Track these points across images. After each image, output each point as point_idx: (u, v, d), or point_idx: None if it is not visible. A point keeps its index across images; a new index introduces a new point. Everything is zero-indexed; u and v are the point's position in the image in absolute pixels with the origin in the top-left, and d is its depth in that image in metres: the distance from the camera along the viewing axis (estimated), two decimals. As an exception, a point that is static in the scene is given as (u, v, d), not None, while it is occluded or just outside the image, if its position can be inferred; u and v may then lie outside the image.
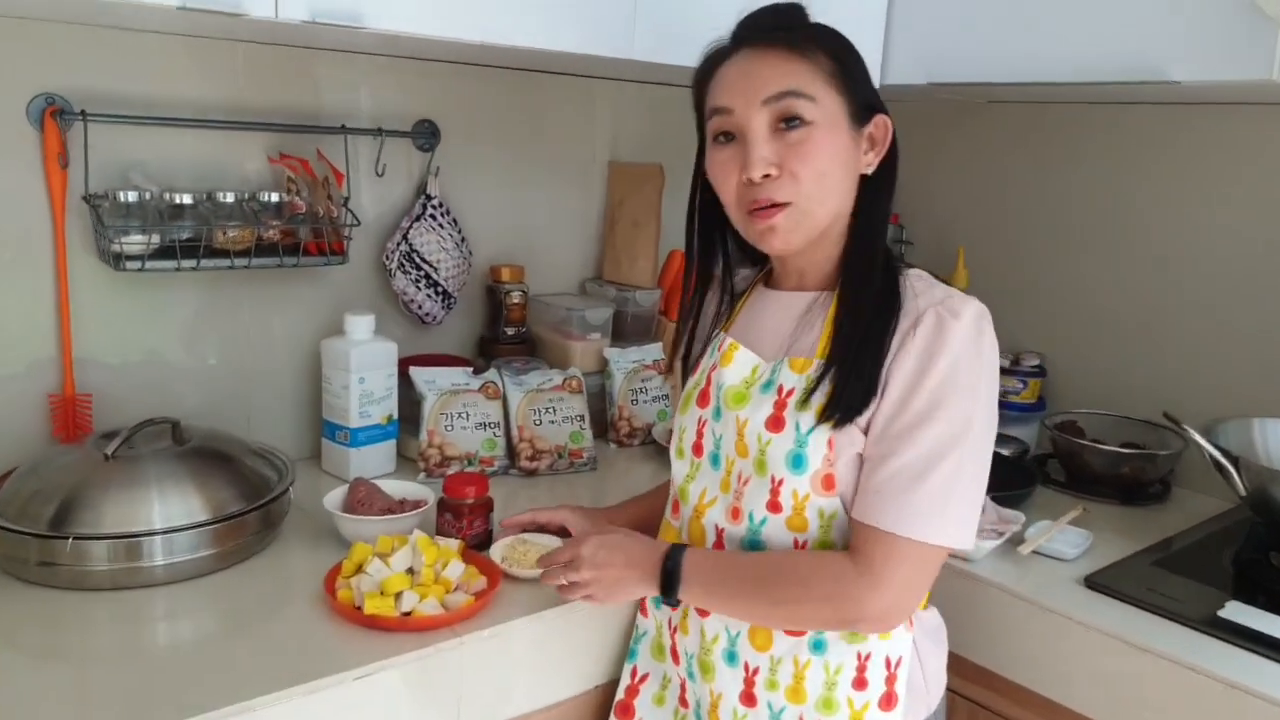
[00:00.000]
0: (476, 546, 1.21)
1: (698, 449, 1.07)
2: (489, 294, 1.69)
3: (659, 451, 1.67)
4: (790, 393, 0.98)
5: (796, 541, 0.98)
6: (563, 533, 1.21)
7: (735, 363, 1.04)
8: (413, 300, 1.55)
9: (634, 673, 1.14)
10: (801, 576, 0.94)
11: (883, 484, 0.92)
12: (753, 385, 1.01)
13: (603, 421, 1.69)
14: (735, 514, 1.01)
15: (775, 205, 0.96)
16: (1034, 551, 1.28)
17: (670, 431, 1.64)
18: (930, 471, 0.91)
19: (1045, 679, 1.18)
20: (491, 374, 1.55)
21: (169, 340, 1.38)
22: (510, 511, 1.32)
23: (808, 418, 0.95)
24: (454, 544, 1.15)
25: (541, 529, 1.22)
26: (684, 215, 1.09)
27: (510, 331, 1.67)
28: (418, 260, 1.53)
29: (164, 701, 0.88)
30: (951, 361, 0.92)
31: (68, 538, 1.05)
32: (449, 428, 1.47)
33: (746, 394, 1.01)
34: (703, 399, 1.07)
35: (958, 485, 0.92)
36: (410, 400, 1.52)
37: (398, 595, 1.03)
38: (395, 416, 1.47)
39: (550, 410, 1.55)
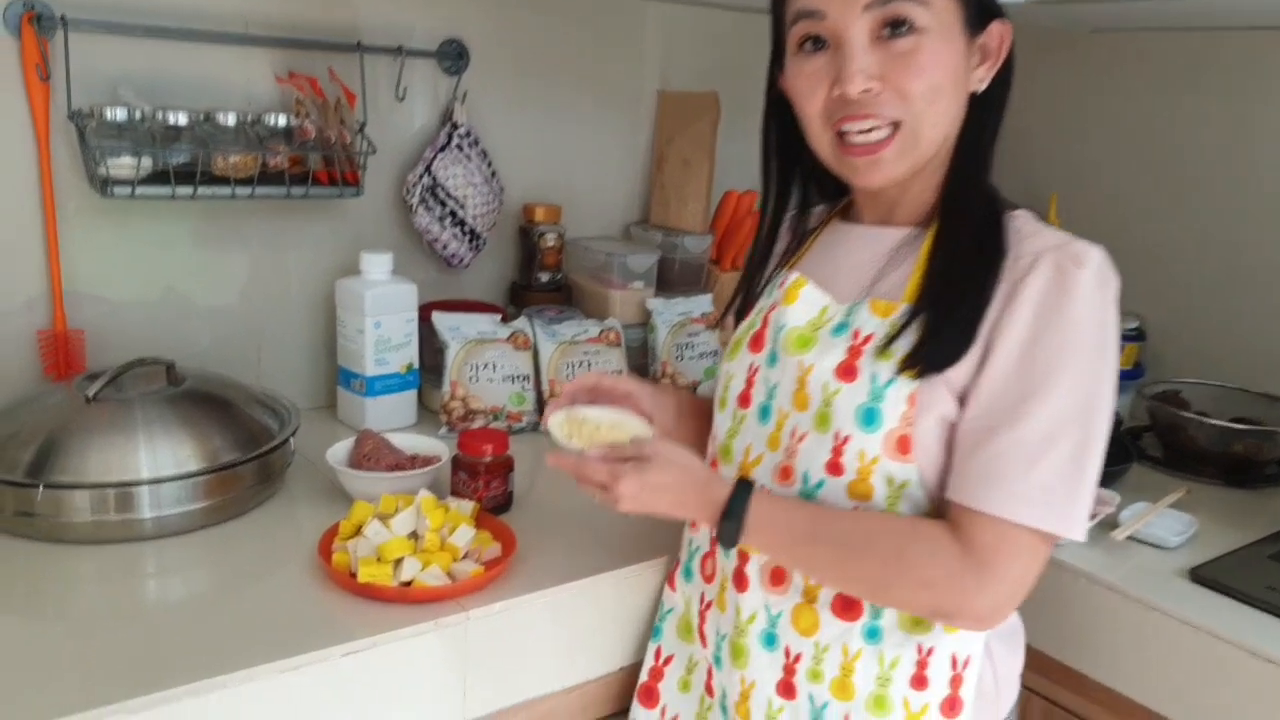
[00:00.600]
0: (494, 510, 1.09)
1: (744, 399, 0.93)
2: (521, 235, 1.55)
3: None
4: (868, 339, 0.83)
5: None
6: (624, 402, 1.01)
7: (801, 301, 0.89)
8: (436, 240, 1.42)
9: (658, 654, 1.01)
10: (899, 552, 0.80)
11: (992, 461, 0.78)
12: (821, 328, 0.87)
13: (643, 377, 1.55)
14: (786, 473, 0.87)
15: (877, 144, 0.82)
16: (1129, 537, 1.12)
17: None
18: (1050, 449, 0.76)
19: (1138, 682, 1.02)
20: (522, 323, 1.42)
21: (169, 276, 1.28)
22: (536, 472, 1.20)
23: (887, 367, 0.81)
24: (467, 506, 1.02)
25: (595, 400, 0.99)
26: (740, 153, 0.96)
27: (544, 277, 1.54)
28: (442, 195, 1.40)
29: (132, 670, 0.78)
30: (1075, 319, 0.77)
31: (39, 485, 0.95)
32: (474, 379, 1.35)
33: (812, 337, 0.87)
34: (756, 342, 0.93)
35: (1081, 465, 0.77)
36: (433, 349, 1.40)
37: (397, 562, 0.91)
38: (416, 365, 1.35)
39: (585, 364, 1.42)
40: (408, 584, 0.90)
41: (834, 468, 0.83)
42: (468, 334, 1.37)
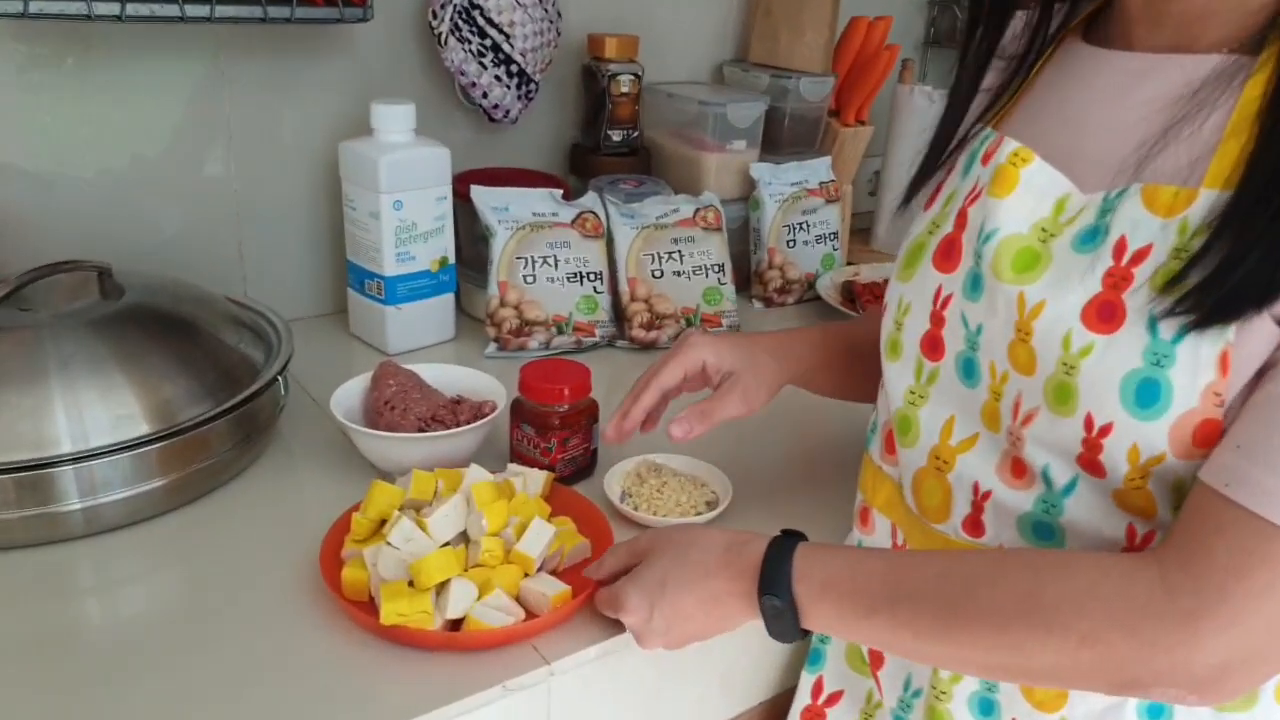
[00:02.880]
0: (571, 478, 0.76)
1: (932, 344, 0.58)
2: (586, 79, 1.16)
3: (823, 315, 1.17)
4: (1141, 255, 0.48)
5: (1133, 532, 0.51)
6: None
7: (1023, 189, 0.53)
8: (474, 85, 1.04)
9: (817, 687, 0.70)
10: (1034, 592, 0.48)
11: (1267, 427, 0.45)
12: (1056, 236, 0.52)
13: (743, 270, 1.19)
14: (1018, 469, 0.54)
15: None
16: None
17: (847, 288, 1.14)
18: None
19: None
20: (590, 200, 1.05)
21: (118, 141, 0.92)
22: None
23: (1177, 310, 0.46)
24: (537, 480, 0.70)
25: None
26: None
27: (617, 136, 1.16)
28: (481, 22, 1.01)
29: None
30: None
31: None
32: (529, 279, 1.00)
33: (1041, 253, 0.52)
34: (947, 254, 0.58)
35: None
36: (473, 237, 1.04)
37: (439, 588, 0.59)
38: (452, 260, 1.00)
39: (676, 255, 1.06)
40: (457, 623, 0.58)
41: (1091, 465, 0.50)
42: (519, 216, 1.01)
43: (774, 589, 0.54)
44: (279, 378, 0.76)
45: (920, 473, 0.59)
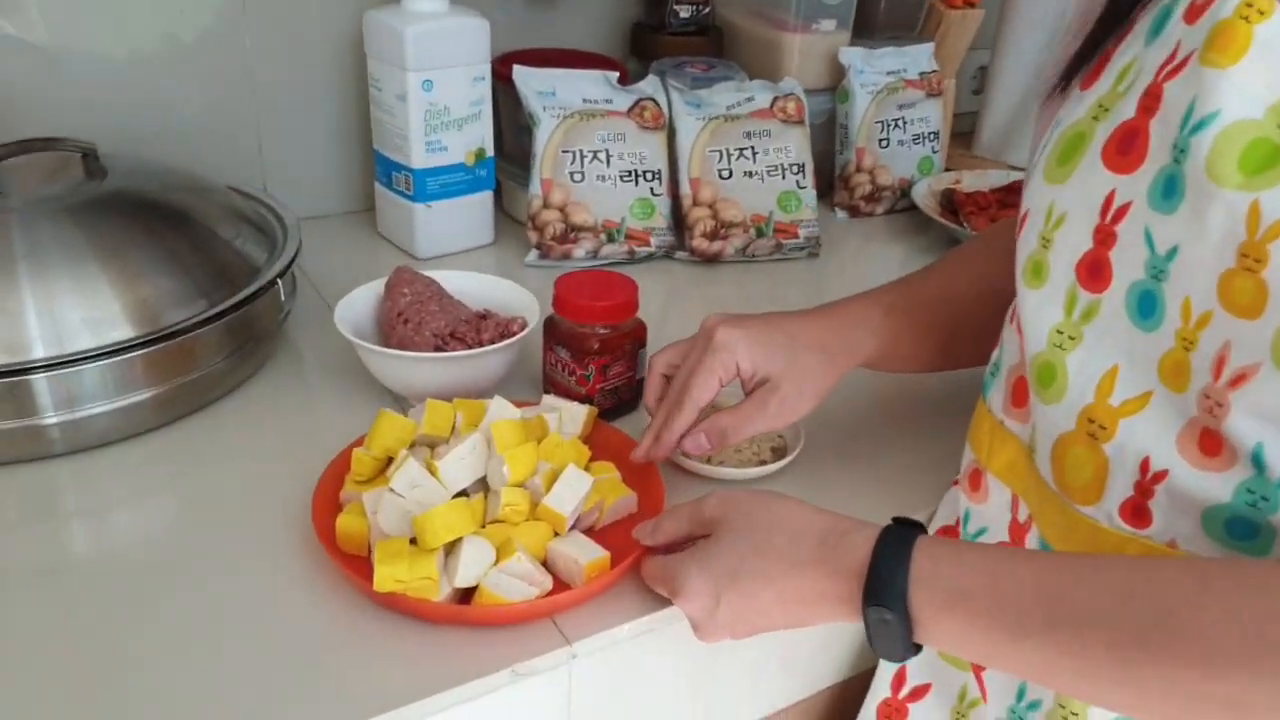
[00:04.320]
0: (612, 411, 0.65)
1: (1094, 269, 0.44)
2: (652, -55, 1.00)
3: (918, 227, 1.02)
4: None
5: None
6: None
7: (1260, 51, 0.38)
8: (521, -54, 0.89)
9: (899, 679, 0.59)
10: (1240, 615, 0.35)
11: None
12: None
13: (827, 173, 1.04)
14: (1210, 443, 0.40)
15: None
16: None
17: (948, 197, 0.98)
18: None
19: None
20: (651, 85, 0.91)
21: (118, 15, 0.80)
22: (673, 337, 0.75)
23: None
24: (576, 417, 0.59)
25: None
26: None
27: (685, 13, 1.00)
28: None
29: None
30: None
31: None
32: (577, 176, 0.87)
33: None
34: (1125, 147, 0.43)
35: None
36: (516, 126, 0.91)
37: (449, 549, 0.48)
38: (491, 152, 0.88)
39: (748, 152, 0.92)
40: (468, 594, 0.48)
41: None
42: (568, 102, 0.87)
43: (884, 598, 0.42)
44: (278, 280, 0.66)
45: (1065, 438, 0.46)
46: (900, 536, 0.43)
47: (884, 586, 0.42)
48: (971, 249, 0.65)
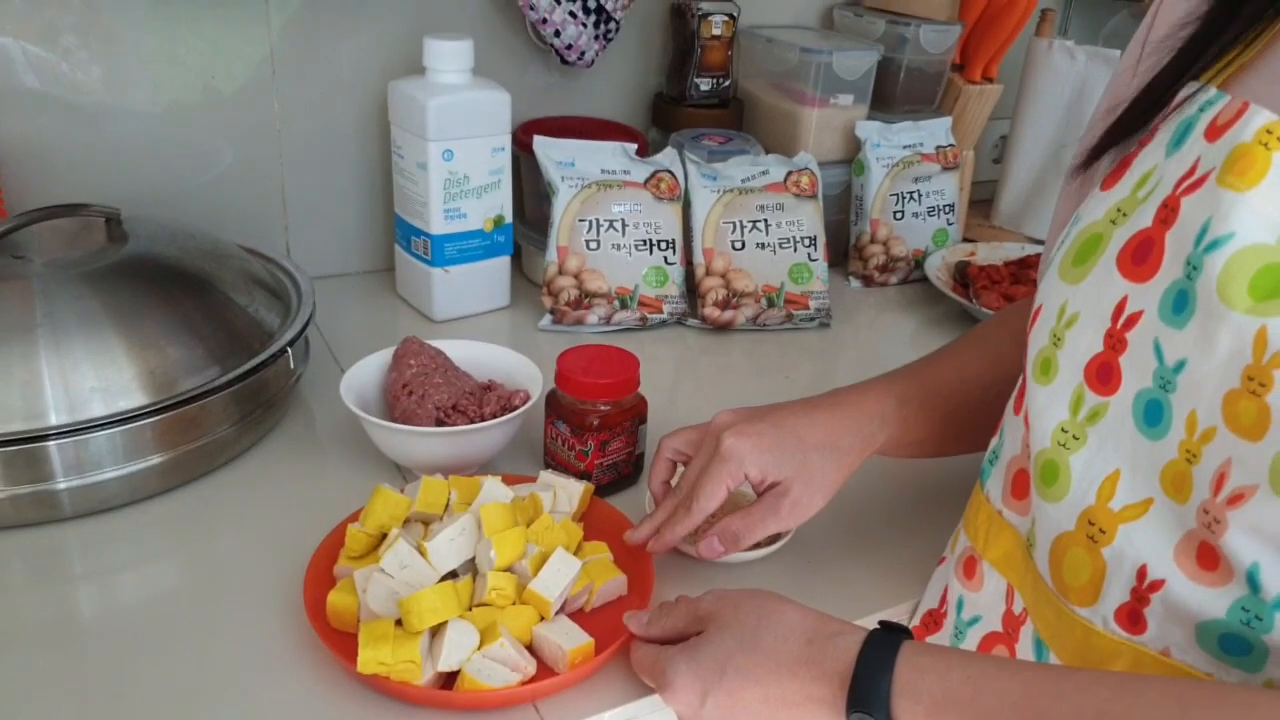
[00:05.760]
0: (609, 486, 0.65)
1: (1104, 373, 0.44)
2: (674, 18, 1.02)
3: (931, 299, 1.02)
4: None
5: None
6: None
7: (1277, 178, 0.38)
8: (545, 21, 0.92)
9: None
10: None
11: None
12: None
13: (840, 243, 1.05)
14: (1207, 557, 0.40)
15: None
16: None
17: (961, 270, 0.98)
18: None
19: None
20: (668, 157, 0.93)
21: (154, 76, 0.83)
22: (681, 414, 0.75)
23: None
24: (572, 496, 0.59)
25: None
26: None
27: (705, 85, 1.02)
28: (554, -53, 0.88)
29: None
30: None
31: None
32: (593, 244, 0.88)
33: None
34: (1141, 256, 0.43)
35: None
36: (535, 194, 0.93)
37: (434, 631, 0.49)
38: (508, 219, 0.89)
39: (761, 224, 0.93)
40: (451, 677, 0.48)
41: None
42: (587, 173, 0.89)
43: (868, 705, 0.42)
44: (288, 349, 0.67)
45: (1065, 538, 0.45)
46: (885, 642, 0.43)
47: (868, 694, 0.42)
48: (986, 332, 0.65)
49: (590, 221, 0.88)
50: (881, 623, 0.46)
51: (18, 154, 0.79)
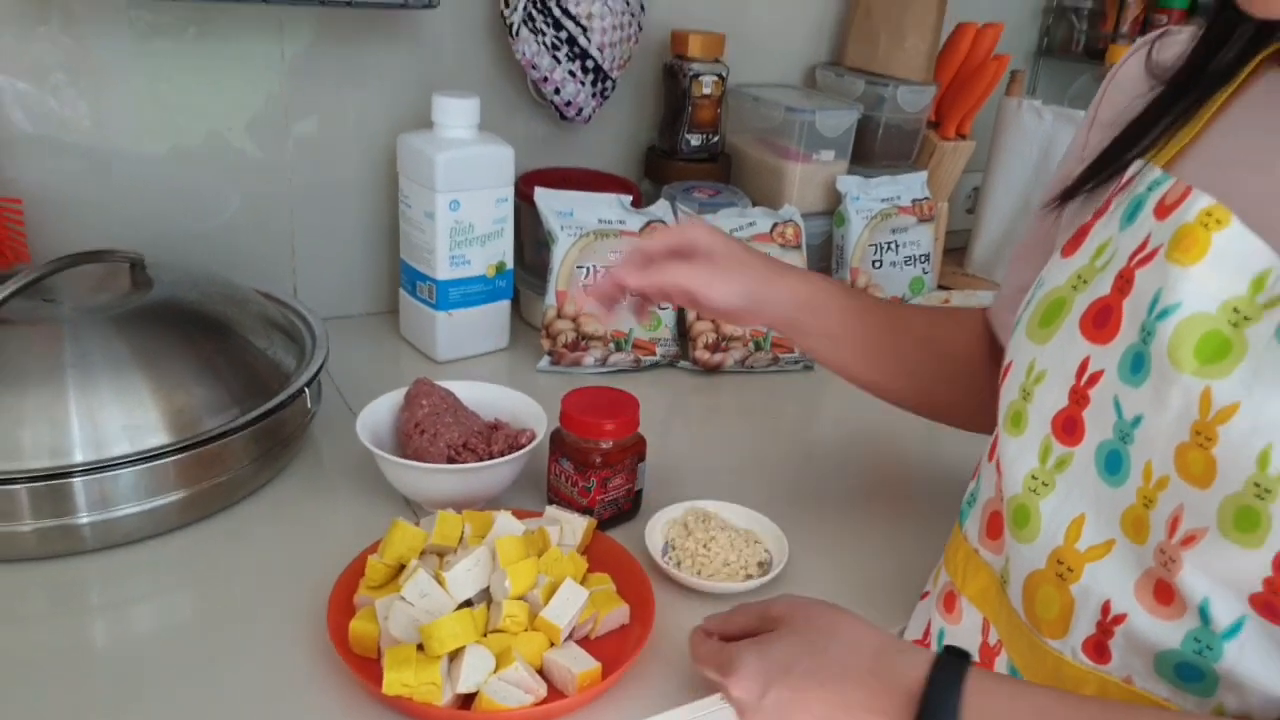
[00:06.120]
0: (610, 521, 0.69)
1: (1069, 426, 0.49)
2: (667, 78, 1.08)
3: (909, 346, 1.07)
4: None
5: None
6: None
7: (1214, 258, 0.43)
8: (546, 79, 0.97)
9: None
10: None
11: None
12: (1253, 321, 0.42)
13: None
14: (1164, 594, 0.44)
15: None
16: None
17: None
18: None
19: None
20: (661, 209, 0.98)
21: (169, 125, 0.87)
22: (673, 451, 0.79)
23: None
24: (576, 530, 0.63)
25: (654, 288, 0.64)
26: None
27: (695, 141, 1.08)
28: (557, 13, 0.94)
29: None
30: None
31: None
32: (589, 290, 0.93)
33: (1234, 339, 0.42)
34: (1100, 321, 0.48)
35: None
36: (535, 241, 0.98)
37: (452, 656, 0.52)
38: (510, 265, 0.94)
39: (749, 273, 0.97)
40: (468, 699, 0.52)
41: (1271, 609, 0.41)
42: (585, 222, 0.94)
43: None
44: (305, 390, 0.71)
45: (1036, 576, 0.50)
46: (953, 665, 0.45)
47: (937, 710, 0.44)
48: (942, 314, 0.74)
49: (588, 268, 0.93)
50: (947, 647, 0.48)
51: (36, 199, 0.83)
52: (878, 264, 1.09)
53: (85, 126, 0.84)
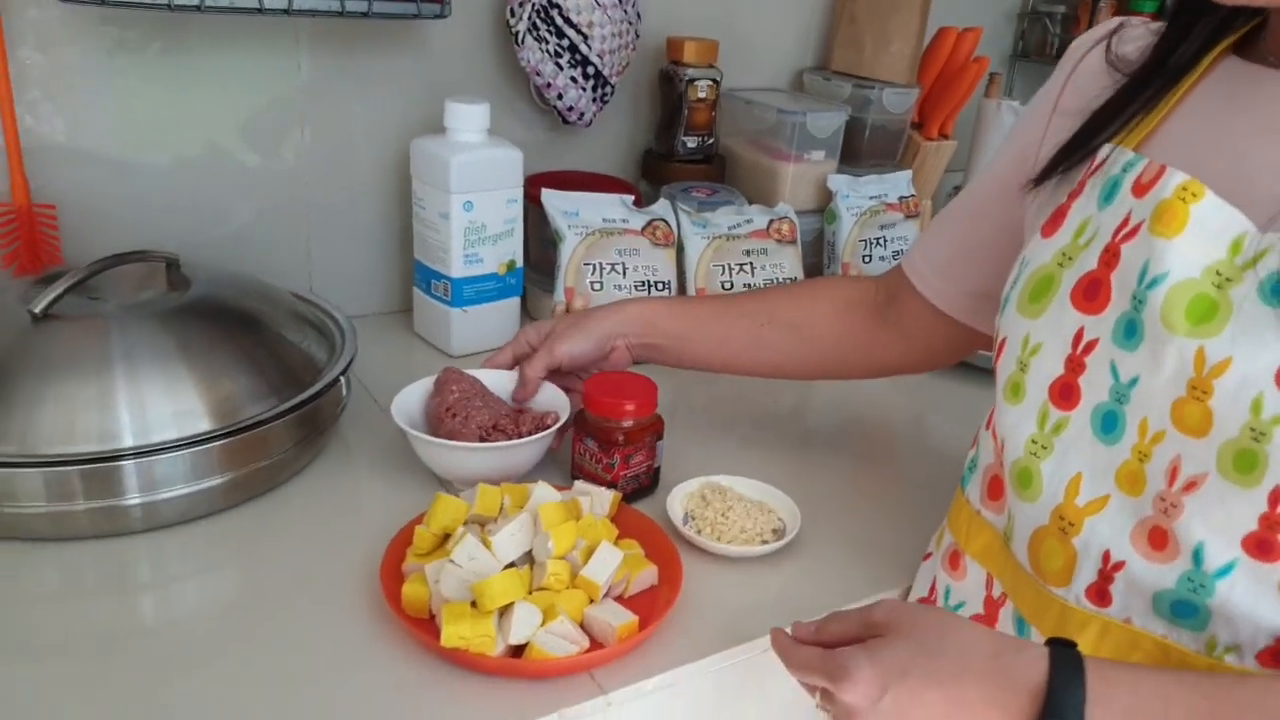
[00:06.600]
0: (633, 496, 0.73)
1: (1065, 392, 0.53)
2: (663, 83, 1.13)
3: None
4: None
5: None
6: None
7: (1194, 228, 0.48)
8: (549, 85, 1.02)
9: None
10: None
11: None
12: (1235, 282, 0.47)
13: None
14: (1158, 539, 0.49)
15: None
16: None
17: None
18: None
19: None
20: (662, 208, 1.02)
21: (193, 130, 0.91)
22: (679, 435, 0.83)
23: None
24: (604, 499, 0.67)
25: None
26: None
27: (691, 143, 1.13)
28: (560, 22, 0.99)
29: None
30: None
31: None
32: (596, 285, 0.97)
33: (1220, 300, 0.47)
34: (1091, 294, 0.52)
35: None
36: (542, 240, 1.02)
37: (502, 612, 0.56)
38: (519, 263, 0.98)
39: (747, 267, 1.03)
40: (519, 649, 0.56)
41: (1264, 546, 0.45)
42: (590, 221, 0.98)
43: (1063, 713, 0.44)
44: (341, 378, 0.75)
45: (1040, 531, 0.54)
46: (1069, 657, 0.45)
47: (1064, 703, 0.44)
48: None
49: (594, 265, 0.98)
50: (1049, 640, 0.48)
51: (65, 206, 0.86)
52: (867, 259, 1.14)
53: (110, 136, 0.87)
